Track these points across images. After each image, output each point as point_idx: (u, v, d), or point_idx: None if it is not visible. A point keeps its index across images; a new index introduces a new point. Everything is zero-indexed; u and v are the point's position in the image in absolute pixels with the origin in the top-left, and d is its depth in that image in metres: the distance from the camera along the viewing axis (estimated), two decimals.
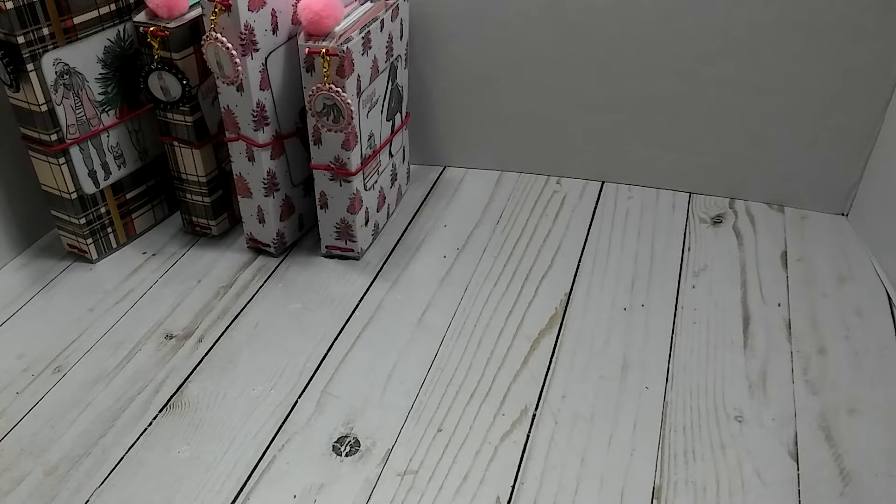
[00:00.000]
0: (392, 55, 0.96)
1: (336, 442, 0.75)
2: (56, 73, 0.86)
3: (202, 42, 0.84)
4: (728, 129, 1.05)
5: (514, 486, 0.71)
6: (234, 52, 0.82)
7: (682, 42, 1.00)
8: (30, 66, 0.84)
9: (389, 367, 0.84)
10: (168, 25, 0.87)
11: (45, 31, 0.84)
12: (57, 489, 0.71)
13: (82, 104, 0.91)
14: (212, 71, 0.86)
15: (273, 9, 0.85)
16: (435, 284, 0.95)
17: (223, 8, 0.81)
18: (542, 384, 0.81)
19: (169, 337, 0.88)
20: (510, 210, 1.09)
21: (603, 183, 1.14)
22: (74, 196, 0.94)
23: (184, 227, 1.05)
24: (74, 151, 0.92)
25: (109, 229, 1.00)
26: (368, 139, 0.94)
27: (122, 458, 0.74)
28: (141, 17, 0.89)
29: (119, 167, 0.98)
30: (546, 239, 1.03)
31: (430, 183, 1.16)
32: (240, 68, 0.83)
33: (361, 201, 0.96)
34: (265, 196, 0.95)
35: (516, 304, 0.92)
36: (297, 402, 0.80)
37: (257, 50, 0.85)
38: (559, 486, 0.71)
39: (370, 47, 0.88)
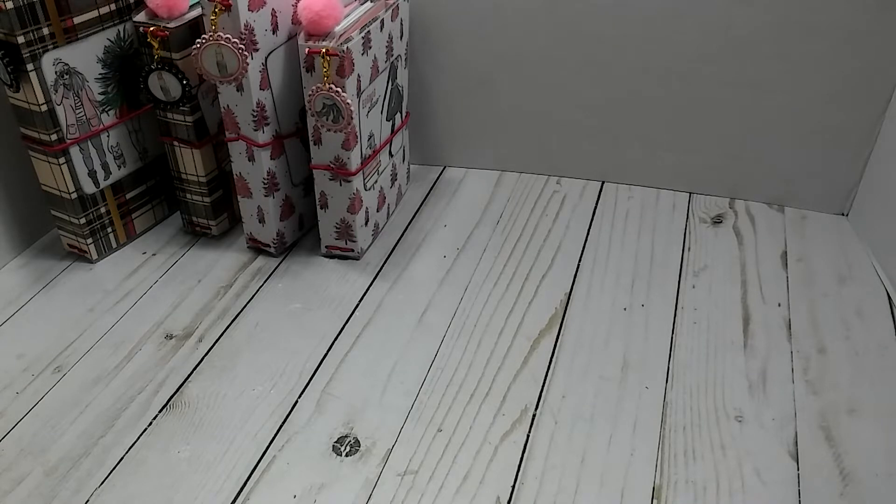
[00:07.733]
0: (392, 55, 0.96)
1: (336, 442, 0.75)
2: (56, 72, 0.86)
3: (197, 46, 0.83)
4: (728, 129, 1.05)
5: (514, 486, 0.71)
6: (241, 46, 0.82)
7: (682, 42, 1.00)
8: (30, 66, 0.84)
9: (389, 367, 0.84)
10: (168, 25, 0.87)
11: (45, 30, 0.84)
12: (57, 489, 0.71)
13: (82, 104, 0.91)
14: (211, 75, 0.85)
15: (273, 9, 0.85)
16: (435, 284, 0.95)
17: (223, 8, 0.81)
18: (542, 384, 0.81)
19: (169, 337, 0.88)
20: (510, 210, 1.09)
21: (603, 183, 1.14)
22: (74, 196, 0.94)
23: (184, 227, 1.05)
24: (74, 151, 0.92)
25: (109, 229, 1.00)
26: (368, 139, 0.94)
27: (122, 458, 0.74)
28: (141, 17, 0.89)
29: (119, 167, 0.98)
30: (546, 239, 1.03)
31: (430, 183, 1.16)
32: (249, 61, 0.83)
33: (361, 201, 0.96)
34: (265, 196, 0.95)
35: (516, 304, 0.92)
36: (297, 402, 0.80)
37: (257, 50, 0.85)
38: (559, 486, 0.71)
39: (370, 47, 0.88)
